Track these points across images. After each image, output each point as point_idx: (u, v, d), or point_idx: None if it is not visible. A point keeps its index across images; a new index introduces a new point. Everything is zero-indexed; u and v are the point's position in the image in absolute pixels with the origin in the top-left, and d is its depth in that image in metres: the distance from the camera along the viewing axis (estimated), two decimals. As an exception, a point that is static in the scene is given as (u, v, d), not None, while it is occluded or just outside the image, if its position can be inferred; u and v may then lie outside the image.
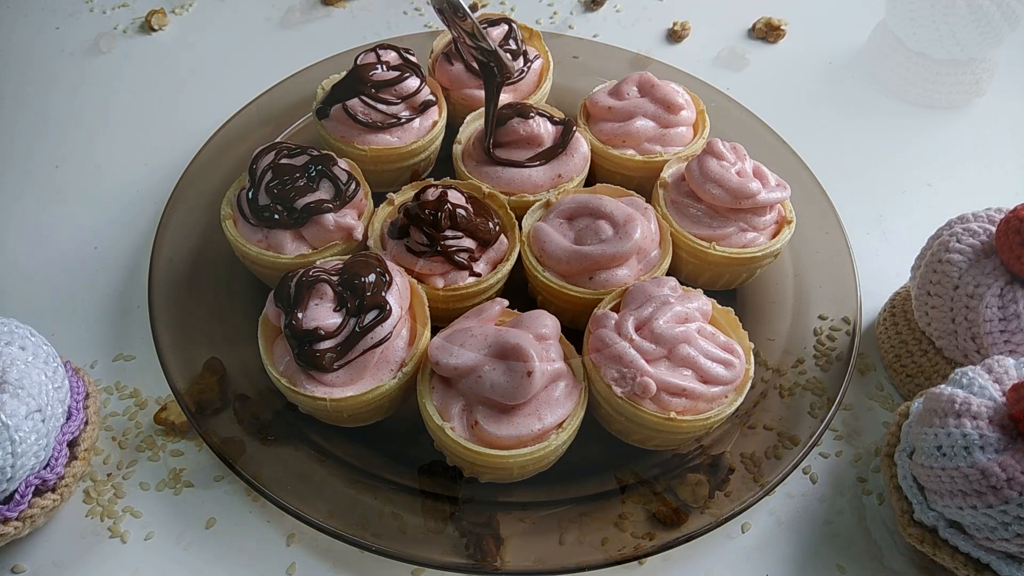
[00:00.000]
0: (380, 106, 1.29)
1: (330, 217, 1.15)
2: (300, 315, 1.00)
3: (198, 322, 1.20)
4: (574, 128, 1.29)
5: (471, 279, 1.15)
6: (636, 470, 1.09)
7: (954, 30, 1.50)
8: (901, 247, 1.26)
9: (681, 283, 1.11)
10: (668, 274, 1.16)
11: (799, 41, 1.80)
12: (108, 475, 1.10)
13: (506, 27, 1.42)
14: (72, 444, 1.00)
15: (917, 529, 0.97)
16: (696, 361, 1.01)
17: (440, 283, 1.13)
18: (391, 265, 1.08)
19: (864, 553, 1.06)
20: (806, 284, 1.29)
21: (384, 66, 1.32)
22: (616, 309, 1.09)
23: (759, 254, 1.20)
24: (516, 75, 1.39)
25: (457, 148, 1.31)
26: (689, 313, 1.05)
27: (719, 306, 1.10)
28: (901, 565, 1.05)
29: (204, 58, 1.70)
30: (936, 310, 1.09)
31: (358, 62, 1.33)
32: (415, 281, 1.11)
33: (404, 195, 1.23)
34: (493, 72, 1.22)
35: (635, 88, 1.34)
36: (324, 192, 1.17)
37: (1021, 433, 0.87)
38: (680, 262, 1.22)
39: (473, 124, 1.33)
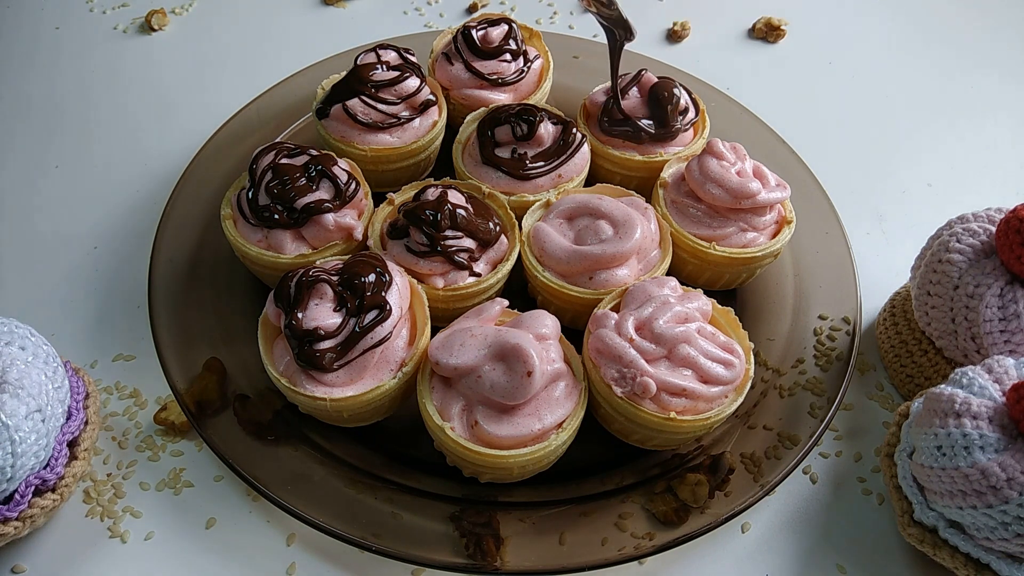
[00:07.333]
0: (380, 106, 1.29)
1: (330, 217, 1.15)
2: (300, 315, 1.00)
3: (198, 322, 1.20)
4: (575, 128, 1.29)
5: (471, 279, 1.15)
6: (636, 470, 1.10)
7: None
8: (901, 247, 1.27)
9: (681, 283, 1.11)
10: (668, 274, 1.16)
11: (799, 41, 1.80)
12: (108, 475, 1.10)
13: (506, 27, 1.42)
14: (72, 444, 1.00)
15: (917, 529, 0.97)
16: (696, 361, 1.01)
17: (440, 283, 1.13)
18: (391, 265, 1.08)
19: (864, 553, 1.06)
20: (806, 284, 1.29)
21: (384, 66, 1.32)
22: (616, 309, 1.09)
23: (759, 254, 1.20)
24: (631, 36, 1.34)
25: (457, 148, 1.31)
26: (689, 313, 1.05)
27: (719, 306, 1.10)
28: (901, 565, 1.05)
29: (204, 58, 1.70)
30: (936, 310, 1.09)
31: (358, 62, 1.33)
32: (415, 281, 1.11)
33: (404, 195, 1.23)
34: (614, 33, 1.30)
35: (635, 88, 1.34)
36: (324, 192, 1.17)
37: (1021, 433, 0.87)
38: (680, 262, 1.22)
39: (473, 124, 1.33)
